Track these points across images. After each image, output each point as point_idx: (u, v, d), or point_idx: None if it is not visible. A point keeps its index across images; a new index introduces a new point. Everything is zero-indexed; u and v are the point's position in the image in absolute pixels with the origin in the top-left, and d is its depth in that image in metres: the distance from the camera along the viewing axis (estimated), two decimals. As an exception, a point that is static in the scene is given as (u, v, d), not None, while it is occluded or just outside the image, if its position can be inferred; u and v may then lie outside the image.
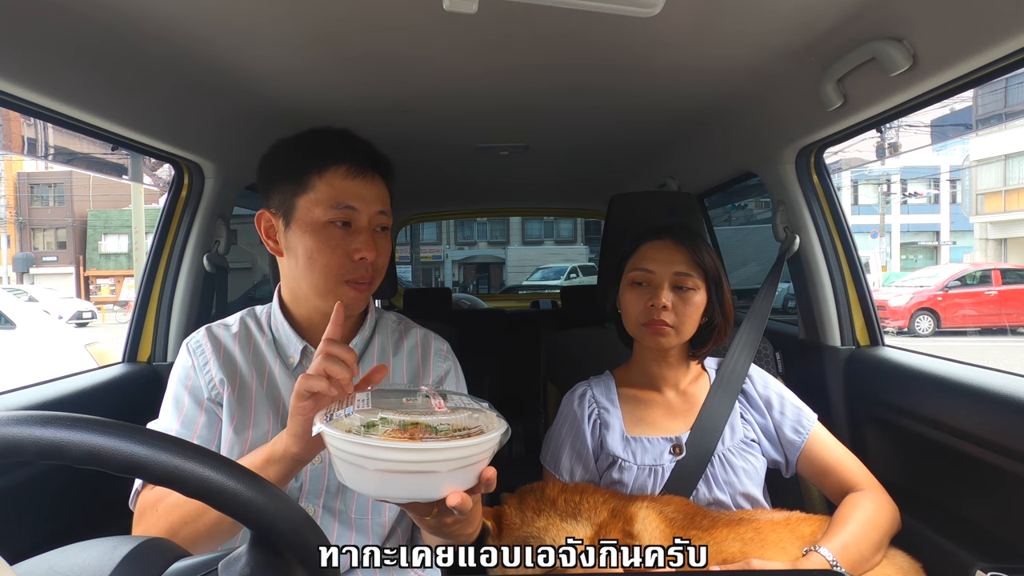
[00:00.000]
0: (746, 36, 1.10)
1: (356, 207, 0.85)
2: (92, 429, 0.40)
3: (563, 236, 22.77)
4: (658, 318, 1.05)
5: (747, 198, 3.61)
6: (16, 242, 23.15)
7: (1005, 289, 11.47)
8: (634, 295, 1.09)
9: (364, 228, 0.86)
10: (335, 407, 0.61)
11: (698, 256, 1.07)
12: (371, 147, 0.90)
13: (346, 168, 0.86)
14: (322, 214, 0.84)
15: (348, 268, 0.85)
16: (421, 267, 17.38)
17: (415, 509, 0.63)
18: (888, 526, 0.97)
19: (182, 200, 1.52)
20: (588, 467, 1.10)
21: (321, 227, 0.85)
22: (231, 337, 0.94)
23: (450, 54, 1.19)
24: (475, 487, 0.59)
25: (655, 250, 1.09)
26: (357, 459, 0.54)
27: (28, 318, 4.50)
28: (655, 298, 1.05)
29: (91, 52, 1.01)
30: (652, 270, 1.08)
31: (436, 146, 1.95)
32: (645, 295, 1.07)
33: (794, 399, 1.12)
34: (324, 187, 0.85)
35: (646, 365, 1.14)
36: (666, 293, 1.05)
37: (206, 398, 0.89)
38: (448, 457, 0.54)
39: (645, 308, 1.07)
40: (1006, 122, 16.37)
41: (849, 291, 1.48)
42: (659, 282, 1.07)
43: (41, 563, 0.44)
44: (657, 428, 1.10)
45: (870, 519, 0.96)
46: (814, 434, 1.07)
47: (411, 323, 1.04)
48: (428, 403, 0.62)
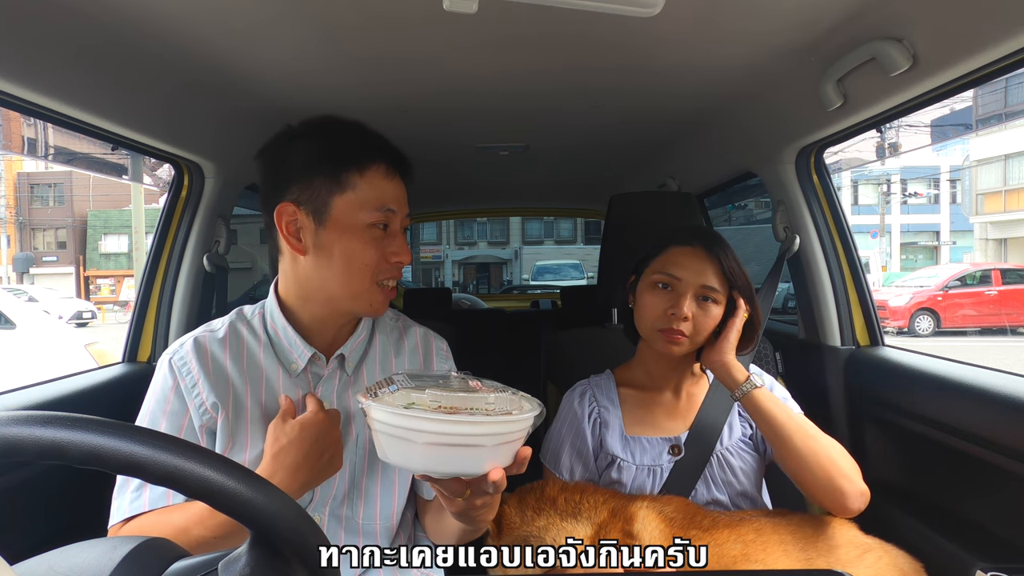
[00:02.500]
0: (746, 36, 1.10)
1: (395, 209, 0.85)
2: (92, 429, 0.40)
3: (563, 236, 22.77)
4: (676, 327, 1.02)
5: (747, 198, 3.61)
6: (16, 242, 23.15)
7: (1005, 289, 11.47)
8: (654, 298, 1.05)
9: (398, 231, 0.86)
10: (378, 386, 0.63)
11: (732, 271, 1.04)
12: (388, 142, 0.89)
13: (385, 168, 0.85)
14: (367, 216, 0.83)
15: (384, 270, 0.85)
16: (421, 267, 17.37)
17: (450, 489, 0.64)
18: (838, 458, 0.95)
19: (182, 200, 1.52)
20: (588, 466, 1.10)
21: (364, 229, 0.83)
22: (219, 344, 0.88)
23: (450, 54, 1.19)
24: (511, 466, 0.62)
25: (684, 256, 1.05)
26: (407, 432, 0.56)
27: (28, 318, 4.50)
28: (676, 307, 1.02)
29: (91, 52, 1.01)
30: (679, 277, 1.03)
31: (436, 146, 1.95)
32: (666, 300, 1.04)
33: (781, 391, 1.11)
34: (366, 187, 0.83)
35: (650, 365, 1.14)
36: (689, 303, 1.02)
37: (198, 425, 0.84)
38: (495, 431, 0.57)
39: (664, 314, 1.03)
40: (1006, 122, 16.38)
41: (849, 291, 1.48)
42: (684, 291, 1.03)
43: (41, 563, 0.44)
44: (656, 428, 1.10)
45: (822, 435, 0.98)
46: None
47: (409, 321, 1.02)
48: (465, 383, 0.65)
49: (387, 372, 0.94)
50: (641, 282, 1.09)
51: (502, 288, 20.02)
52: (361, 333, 0.94)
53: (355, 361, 0.92)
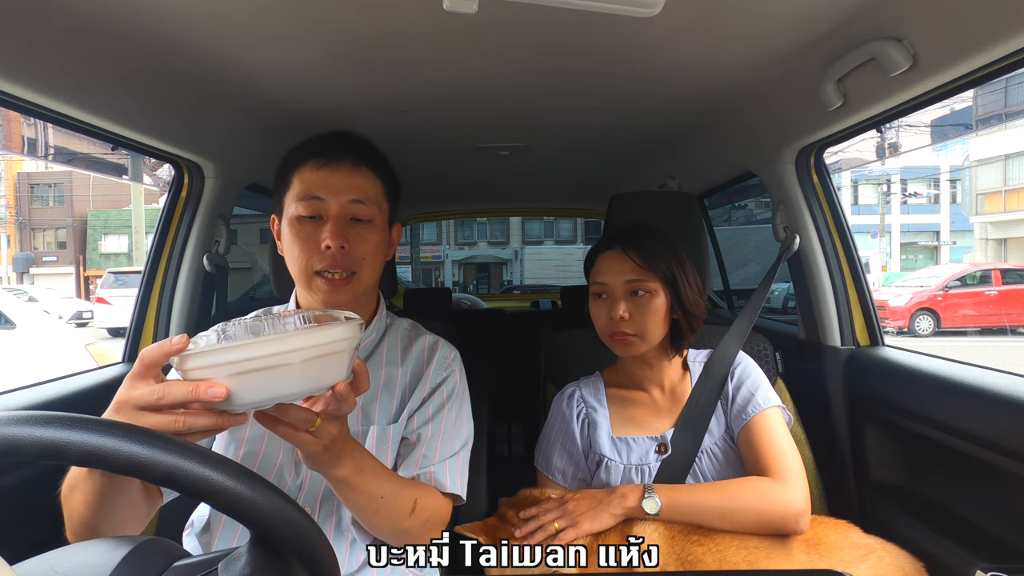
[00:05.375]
0: (746, 36, 1.10)
1: (323, 197, 0.85)
2: (92, 429, 0.40)
3: (563, 236, 22.76)
4: (619, 330, 1.06)
5: (747, 198, 3.61)
6: (16, 242, 23.15)
7: (1005, 289, 11.47)
8: (597, 309, 1.10)
9: (333, 217, 0.85)
10: None
11: (649, 261, 1.05)
12: (347, 136, 0.90)
13: (314, 160, 0.87)
14: (295, 208, 0.86)
15: (317, 259, 0.85)
16: (421, 267, 17.37)
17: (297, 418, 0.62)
18: (757, 506, 0.94)
19: (182, 200, 1.52)
20: (579, 466, 1.11)
21: (295, 221, 0.86)
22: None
23: (450, 54, 1.19)
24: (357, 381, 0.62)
25: (607, 261, 1.09)
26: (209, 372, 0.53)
27: (28, 318, 4.49)
28: (613, 310, 1.06)
29: (92, 52, 1.01)
30: (606, 282, 1.08)
31: (436, 147, 1.95)
32: (605, 307, 1.08)
33: (763, 383, 1.10)
34: (297, 182, 0.87)
35: (628, 368, 1.16)
36: (622, 304, 1.05)
37: None
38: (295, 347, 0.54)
39: (607, 321, 1.08)
40: (1006, 122, 16.36)
41: (849, 291, 1.48)
42: (614, 293, 1.07)
43: (41, 563, 0.44)
44: (643, 427, 1.10)
45: (731, 490, 0.97)
46: (764, 414, 1.04)
47: (423, 330, 1.03)
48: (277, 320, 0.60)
49: (390, 374, 0.95)
50: (589, 298, 1.13)
51: (502, 288, 20.01)
52: (371, 334, 0.96)
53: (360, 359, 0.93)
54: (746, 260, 2.91)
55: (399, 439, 0.92)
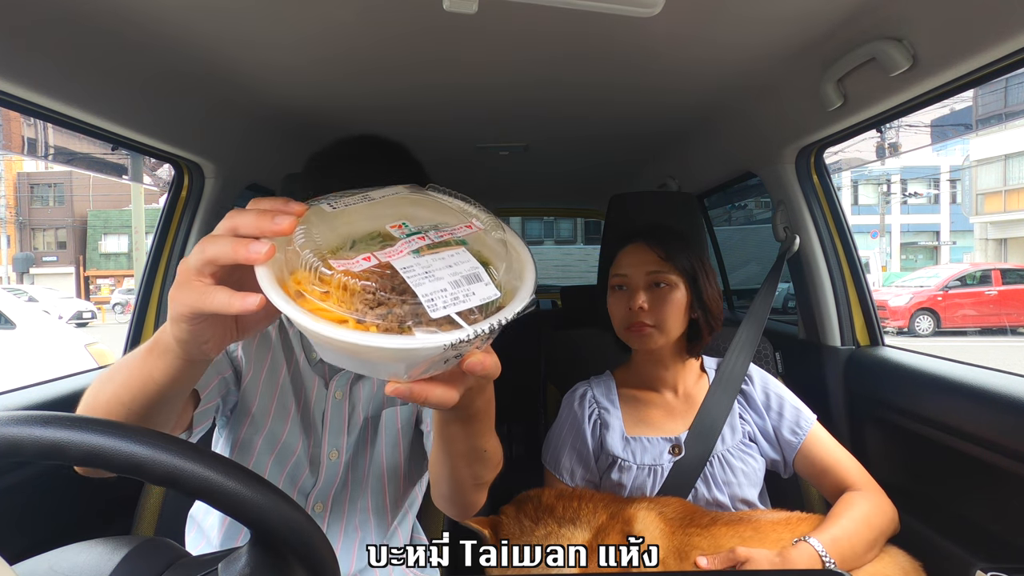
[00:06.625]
0: (746, 36, 1.10)
1: None
2: (92, 429, 0.40)
3: (563, 236, 22.75)
4: (638, 320, 1.06)
5: (747, 198, 3.61)
6: (16, 242, 23.15)
7: (1005, 289, 11.47)
8: (615, 300, 1.12)
9: None
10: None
11: (671, 254, 1.08)
12: (378, 142, 0.90)
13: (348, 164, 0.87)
14: None
15: None
16: (421, 267, 17.31)
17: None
18: (884, 526, 0.97)
19: (182, 200, 1.52)
20: (589, 467, 1.10)
21: None
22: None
23: (450, 54, 1.19)
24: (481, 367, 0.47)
25: (629, 254, 1.12)
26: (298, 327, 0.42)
27: (28, 318, 4.49)
28: (632, 301, 1.07)
29: (92, 52, 1.01)
30: (627, 274, 1.10)
31: (436, 146, 1.95)
32: (624, 299, 1.09)
33: (793, 400, 1.12)
34: None
35: (643, 367, 1.15)
36: (641, 295, 1.07)
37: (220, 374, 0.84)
38: (385, 345, 0.39)
39: (626, 312, 1.09)
40: (1006, 122, 16.35)
41: (849, 291, 1.48)
42: (634, 284, 1.09)
43: (41, 563, 0.44)
44: (656, 428, 1.10)
45: (864, 516, 0.96)
46: (812, 434, 1.07)
47: None
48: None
49: None
50: (608, 292, 1.15)
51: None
52: None
53: None
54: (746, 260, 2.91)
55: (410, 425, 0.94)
